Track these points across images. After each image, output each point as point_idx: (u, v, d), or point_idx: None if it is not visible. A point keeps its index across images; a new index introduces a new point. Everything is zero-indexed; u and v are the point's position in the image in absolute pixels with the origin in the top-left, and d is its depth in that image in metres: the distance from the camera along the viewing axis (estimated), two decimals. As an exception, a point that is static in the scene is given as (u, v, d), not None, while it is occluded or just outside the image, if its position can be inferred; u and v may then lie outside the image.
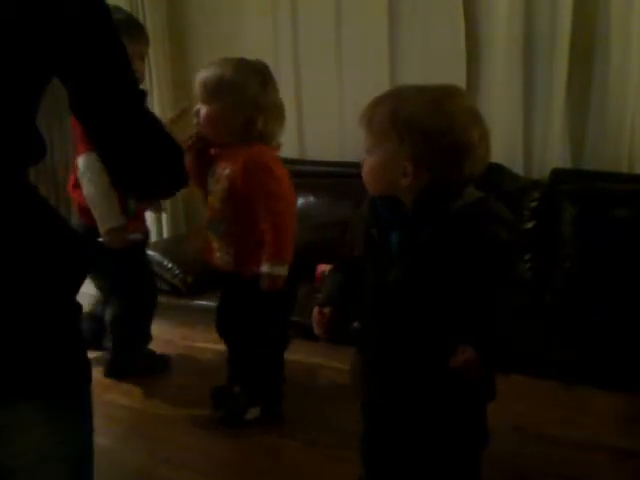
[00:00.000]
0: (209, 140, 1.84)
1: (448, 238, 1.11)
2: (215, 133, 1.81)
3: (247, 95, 1.75)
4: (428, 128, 1.10)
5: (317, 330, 1.30)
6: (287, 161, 3.18)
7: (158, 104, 3.32)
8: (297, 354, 2.36)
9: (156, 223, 3.45)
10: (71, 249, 0.92)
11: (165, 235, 3.48)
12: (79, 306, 0.95)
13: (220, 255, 1.85)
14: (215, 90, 1.76)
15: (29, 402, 0.88)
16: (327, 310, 1.29)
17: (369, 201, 1.24)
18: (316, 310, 1.31)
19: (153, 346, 2.46)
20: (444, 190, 1.14)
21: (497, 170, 2.56)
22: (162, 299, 2.84)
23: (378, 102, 1.18)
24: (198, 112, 1.80)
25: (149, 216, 3.40)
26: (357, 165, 2.98)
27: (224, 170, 1.80)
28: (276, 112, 1.80)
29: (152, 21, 3.24)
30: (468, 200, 1.14)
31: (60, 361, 0.90)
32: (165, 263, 2.89)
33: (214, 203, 1.85)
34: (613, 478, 1.60)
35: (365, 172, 1.20)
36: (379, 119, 1.15)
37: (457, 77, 2.69)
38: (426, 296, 1.14)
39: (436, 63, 2.79)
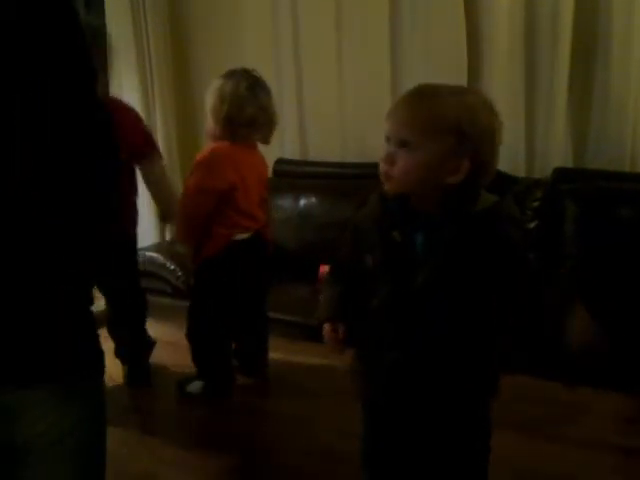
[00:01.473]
0: None
1: (472, 239, 1.12)
2: None
3: (210, 96, 2.04)
4: (487, 128, 1.13)
5: (333, 347, 1.31)
6: (289, 162, 3.23)
7: (160, 108, 3.33)
8: (298, 355, 2.37)
9: (158, 224, 3.45)
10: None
11: (168, 237, 3.48)
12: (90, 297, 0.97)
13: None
14: None
15: (43, 386, 0.89)
16: (342, 328, 1.29)
17: (380, 202, 1.21)
18: (328, 327, 1.30)
19: (156, 348, 2.47)
20: (474, 189, 1.14)
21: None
22: (164, 301, 2.86)
23: (419, 99, 1.15)
24: None
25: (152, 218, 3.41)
26: (358, 166, 3.01)
27: None
28: (234, 110, 2.01)
29: (154, 25, 3.25)
30: (487, 202, 1.15)
31: (72, 348, 0.92)
32: (168, 265, 2.90)
33: None
34: (613, 477, 1.60)
35: (402, 168, 1.13)
36: (425, 117, 1.12)
37: (458, 76, 2.69)
38: (456, 296, 1.14)
39: (437, 62, 2.78)
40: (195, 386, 2.17)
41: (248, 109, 1.99)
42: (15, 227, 0.86)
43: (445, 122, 1.11)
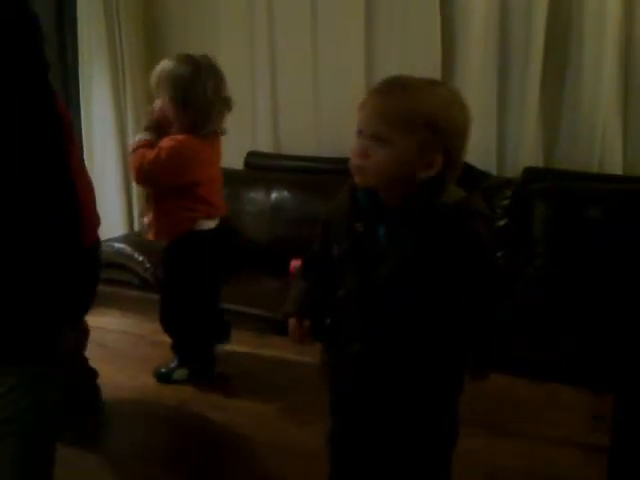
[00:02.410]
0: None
1: (437, 232, 1.12)
2: (166, 123, 2.00)
3: (176, 90, 1.94)
4: (461, 124, 1.13)
5: (297, 342, 1.31)
6: (261, 155, 3.21)
7: (131, 102, 3.29)
8: (266, 349, 2.36)
9: (127, 216, 3.42)
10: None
11: (136, 228, 3.44)
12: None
13: (142, 219, 2.17)
14: (157, 85, 1.97)
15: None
16: (307, 323, 1.29)
17: (349, 194, 1.21)
18: (293, 322, 1.30)
19: (124, 340, 2.43)
20: (441, 184, 1.14)
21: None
22: (133, 293, 2.83)
23: (392, 92, 1.13)
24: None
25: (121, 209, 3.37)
26: (332, 160, 3.00)
27: None
28: (205, 104, 1.96)
29: (126, 20, 3.20)
30: (454, 197, 1.14)
31: (28, 338, 0.95)
32: (136, 256, 2.86)
33: None
34: (581, 473, 1.62)
35: (376, 162, 1.12)
36: (400, 112, 1.10)
37: (432, 74, 2.69)
38: (419, 289, 1.14)
39: (412, 63, 2.79)
40: (180, 374, 2.19)
41: (200, 113, 1.97)
42: (16, 227, 0.85)
43: (421, 117, 1.09)
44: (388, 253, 1.14)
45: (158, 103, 1.99)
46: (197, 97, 1.94)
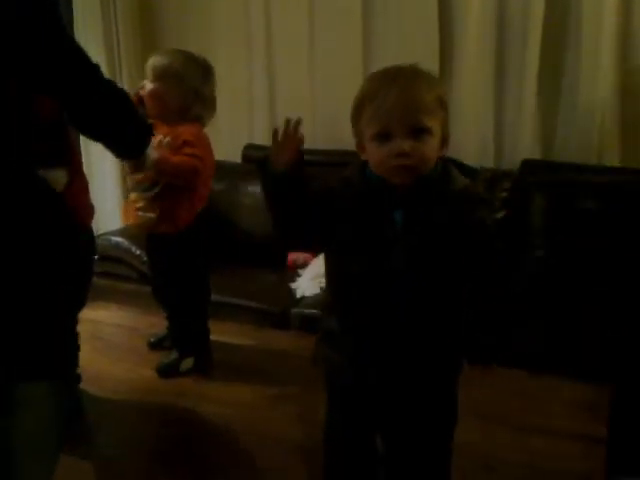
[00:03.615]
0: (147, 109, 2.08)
1: (448, 218, 1.12)
2: (153, 107, 2.06)
3: (187, 85, 2.04)
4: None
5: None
6: (258, 148, 3.20)
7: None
8: (266, 342, 2.36)
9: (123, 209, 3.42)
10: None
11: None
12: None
13: (142, 214, 2.08)
14: (161, 74, 2.03)
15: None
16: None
17: (359, 173, 1.19)
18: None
19: (121, 333, 2.43)
20: (447, 166, 1.16)
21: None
22: (130, 286, 2.83)
23: (423, 83, 1.13)
24: (144, 86, 2.06)
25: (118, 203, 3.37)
26: (328, 153, 2.99)
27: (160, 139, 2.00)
28: (209, 102, 2.12)
29: (123, 18, 3.20)
30: (459, 184, 1.15)
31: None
32: (133, 250, 2.86)
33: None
34: (580, 464, 1.62)
35: (421, 156, 1.10)
36: (431, 100, 1.11)
37: (430, 64, 2.68)
38: (430, 275, 1.13)
39: (409, 54, 2.76)
40: (186, 364, 2.20)
41: (207, 107, 2.10)
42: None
43: (439, 96, 1.13)
44: (403, 238, 1.13)
45: (150, 86, 2.03)
46: (207, 93, 2.09)
